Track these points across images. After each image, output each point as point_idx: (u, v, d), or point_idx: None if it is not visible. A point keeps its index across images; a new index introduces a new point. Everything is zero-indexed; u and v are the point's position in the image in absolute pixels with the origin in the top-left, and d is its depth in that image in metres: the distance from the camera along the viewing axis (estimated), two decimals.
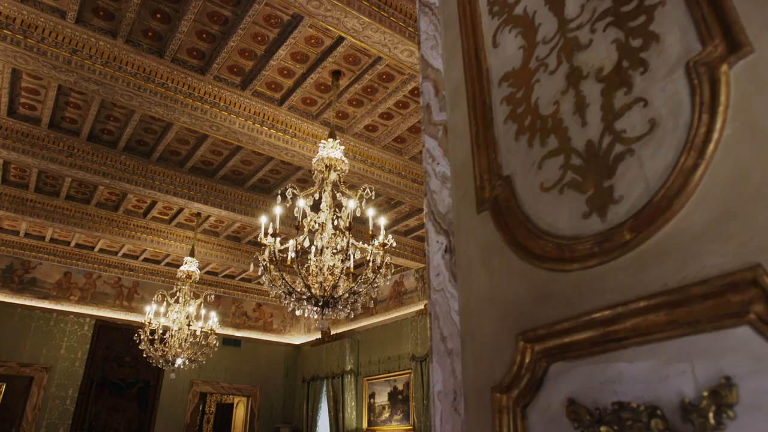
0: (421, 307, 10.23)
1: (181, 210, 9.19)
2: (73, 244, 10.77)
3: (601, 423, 0.69)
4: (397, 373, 10.75)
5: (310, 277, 4.75)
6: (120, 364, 11.27)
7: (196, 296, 8.52)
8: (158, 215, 9.57)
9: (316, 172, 5.20)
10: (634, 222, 0.72)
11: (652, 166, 0.72)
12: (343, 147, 5.36)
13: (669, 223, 0.68)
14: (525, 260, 0.87)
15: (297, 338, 13.77)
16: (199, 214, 9.23)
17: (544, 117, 0.92)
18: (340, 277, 4.68)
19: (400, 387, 10.65)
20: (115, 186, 7.68)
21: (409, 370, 10.40)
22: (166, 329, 8.28)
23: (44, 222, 9.01)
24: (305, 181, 8.04)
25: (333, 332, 12.44)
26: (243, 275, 12.43)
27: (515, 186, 0.95)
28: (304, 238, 4.78)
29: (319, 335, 12.86)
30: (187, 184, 8.02)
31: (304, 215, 4.88)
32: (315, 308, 4.78)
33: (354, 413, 11.35)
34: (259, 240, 4.80)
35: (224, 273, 12.31)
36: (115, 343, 11.29)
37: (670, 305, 0.65)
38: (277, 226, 4.76)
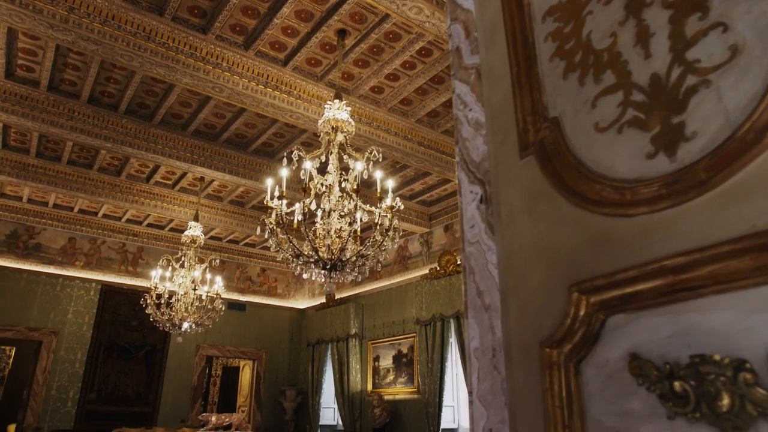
0: (426, 271, 10.23)
1: (184, 174, 9.11)
2: (76, 209, 10.73)
3: (673, 378, 0.63)
4: (402, 336, 10.83)
5: (317, 240, 4.70)
6: (127, 328, 11.37)
7: (201, 261, 8.51)
8: (161, 180, 9.49)
9: (322, 134, 5.10)
10: (712, 160, 0.65)
11: (734, 98, 0.65)
12: (349, 108, 5.24)
13: (757, 159, 0.61)
14: (578, 206, 0.80)
15: (301, 303, 13.87)
16: (202, 179, 9.15)
17: (598, 52, 0.84)
18: (347, 240, 4.64)
19: (404, 350, 10.76)
20: (117, 150, 7.58)
21: (414, 334, 10.48)
22: (171, 294, 8.31)
23: (47, 187, 8.95)
24: (310, 145, 7.93)
25: (337, 297, 12.50)
26: (247, 240, 12.43)
27: (564, 128, 0.87)
28: (311, 201, 4.72)
29: (323, 300, 12.94)
30: (190, 147, 7.92)
31: (311, 178, 4.81)
32: (322, 271, 4.75)
33: (359, 376, 11.50)
34: (265, 203, 4.74)
35: (228, 238, 12.30)
36: (121, 308, 11.38)
37: (758, 249, 0.58)
38: (284, 189, 4.69)
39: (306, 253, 4.67)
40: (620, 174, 0.76)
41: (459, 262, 9.52)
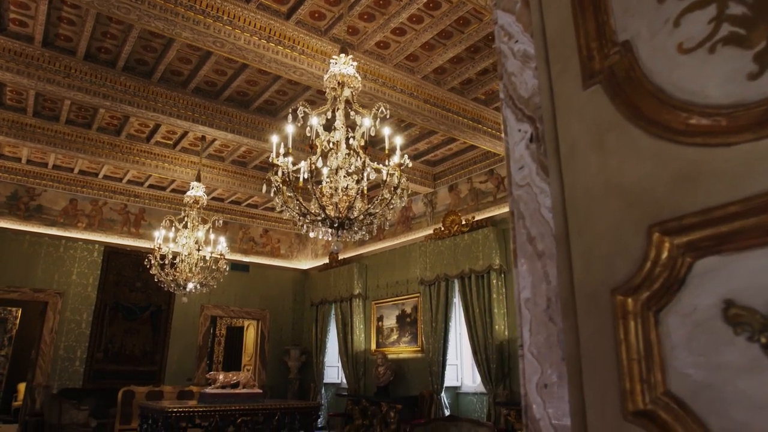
0: (430, 232, 10.19)
1: (185, 134, 8.96)
2: (76, 170, 10.61)
3: None
4: (405, 296, 10.88)
5: (324, 199, 4.62)
6: (131, 289, 11.41)
7: (204, 222, 8.45)
8: (162, 140, 9.34)
9: (328, 89, 4.95)
10: None
11: None
12: (355, 63, 5.07)
13: None
14: (659, 137, 0.71)
15: (304, 263, 13.90)
16: (203, 138, 9.00)
17: None
18: (355, 197, 4.55)
19: (408, 310, 10.82)
20: (116, 108, 7.42)
21: (418, 294, 10.52)
22: (175, 255, 8.27)
23: (46, 147, 8.81)
24: (313, 103, 7.76)
25: (341, 257, 12.51)
26: (249, 201, 12.35)
27: (638, 51, 0.77)
28: (317, 158, 4.61)
29: (326, 260, 12.96)
30: (190, 106, 7.75)
31: (317, 135, 4.69)
32: (330, 230, 4.69)
33: (362, 335, 11.60)
34: (270, 161, 4.63)
35: (230, 199, 12.21)
36: (125, 269, 11.39)
37: None
38: (290, 146, 4.57)
39: (313, 211, 4.59)
40: (713, 99, 0.67)
41: (464, 223, 9.47)
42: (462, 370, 9.89)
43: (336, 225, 4.59)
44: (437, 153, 9.81)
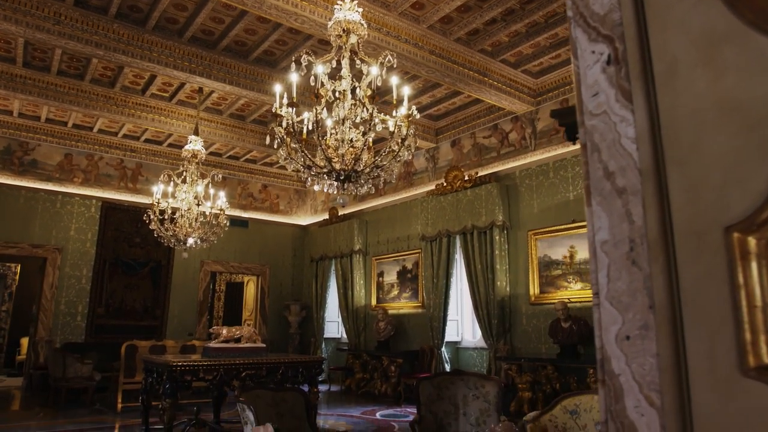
0: (432, 187, 10.07)
1: (182, 86, 8.70)
2: (70, 124, 10.37)
3: None
4: (406, 252, 10.86)
5: (329, 151, 4.48)
6: (130, 244, 11.35)
7: (203, 176, 8.29)
8: (158, 92, 9.08)
9: (333, 36, 4.74)
10: None
11: None
12: (360, 9, 4.84)
13: None
14: None
15: (303, 219, 13.82)
16: (201, 90, 8.75)
17: None
18: (362, 150, 4.41)
19: (409, 266, 10.82)
20: (109, 58, 7.16)
21: (419, 250, 10.50)
22: (175, 210, 8.16)
23: (38, 100, 8.56)
24: (315, 53, 7.47)
25: (341, 213, 12.43)
26: (248, 156, 12.16)
27: None
28: (323, 108, 4.44)
29: (326, 216, 12.88)
30: (187, 56, 7.49)
31: (322, 84, 4.51)
32: (335, 183, 4.57)
33: (363, 291, 11.64)
34: (274, 110, 4.46)
35: (228, 154, 12.02)
36: (123, 225, 11.29)
37: None
38: (294, 95, 4.40)
39: (318, 163, 4.46)
40: None
41: (466, 178, 9.35)
42: (462, 326, 9.97)
43: (342, 178, 4.46)
44: (440, 107, 9.60)
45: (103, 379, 9.09)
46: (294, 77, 4.44)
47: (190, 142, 8.14)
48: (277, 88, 4.49)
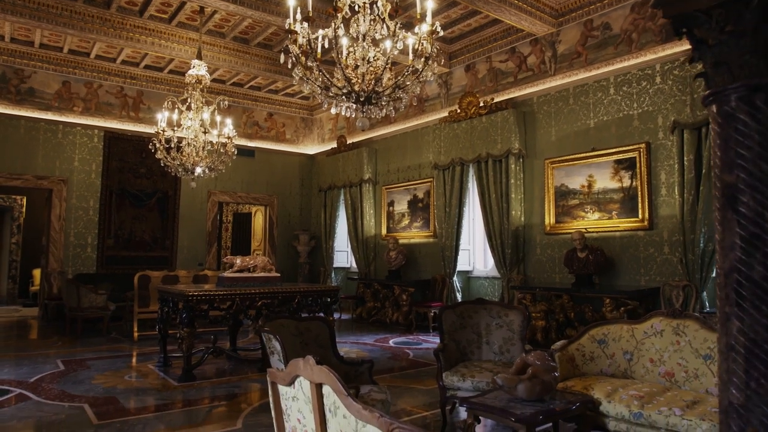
0: (445, 114, 9.72)
1: (182, 5, 8.19)
2: (66, 50, 9.91)
3: None
4: (418, 181, 10.65)
5: (348, 70, 4.17)
6: (136, 175, 11.15)
7: (209, 103, 7.95)
8: (156, 13, 8.58)
9: None
10: None
11: None
12: None
13: None
14: None
15: (311, 148, 13.53)
16: (202, 10, 8.24)
17: None
18: (384, 69, 4.11)
19: (420, 195, 10.64)
20: None
21: (431, 179, 10.28)
22: (180, 139, 7.89)
23: (29, 22, 8.09)
24: None
25: (349, 141, 12.12)
26: (252, 83, 11.72)
27: None
28: (340, 23, 4.10)
29: (334, 145, 12.58)
30: None
31: None
32: (354, 105, 4.29)
33: (372, 221, 11.53)
34: (287, 26, 4.12)
35: (232, 81, 11.58)
36: (128, 155, 11.04)
37: None
38: (309, 9, 4.05)
39: (337, 84, 4.17)
40: None
41: (481, 104, 9.00)
42: (474, 255, 9.91)
43: (362, 99, 4.19)
44: (454, 29, 9.08)
45: (116, 308, 9.15)
46: None
47: (194, 66, 7.76)
48: (291, 1, 4.13)
